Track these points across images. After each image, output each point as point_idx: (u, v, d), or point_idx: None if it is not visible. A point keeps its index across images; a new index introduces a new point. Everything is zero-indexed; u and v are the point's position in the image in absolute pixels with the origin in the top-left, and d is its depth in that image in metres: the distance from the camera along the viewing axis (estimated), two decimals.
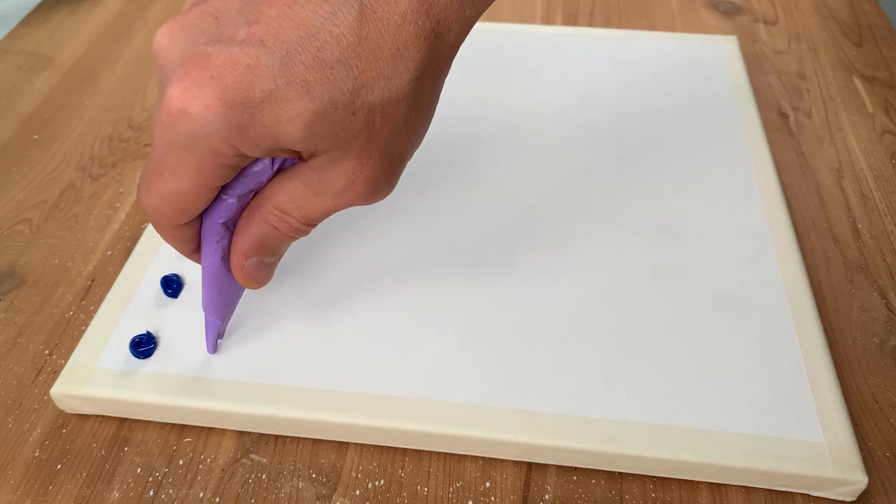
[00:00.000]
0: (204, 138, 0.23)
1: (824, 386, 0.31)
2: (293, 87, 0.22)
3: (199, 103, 0.22)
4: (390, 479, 0.30)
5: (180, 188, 0.24)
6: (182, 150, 0.23)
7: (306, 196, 0.25)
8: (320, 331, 0.33)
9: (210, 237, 0.27)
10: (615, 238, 0.38)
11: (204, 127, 0.22)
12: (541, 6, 0.60)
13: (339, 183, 0.25)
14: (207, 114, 0.22)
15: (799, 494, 0.30)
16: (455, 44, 0.25)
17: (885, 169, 0.44)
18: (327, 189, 0.25)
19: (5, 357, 0.35)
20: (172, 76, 0.23)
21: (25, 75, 0.52)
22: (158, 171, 0.24)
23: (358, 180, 0.25)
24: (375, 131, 0.24)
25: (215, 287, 0.29)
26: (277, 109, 0.22)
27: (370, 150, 0.24)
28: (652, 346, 0.33)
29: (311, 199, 0.26)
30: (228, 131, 0.22)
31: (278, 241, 0.27)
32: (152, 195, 0.25)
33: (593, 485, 0.30)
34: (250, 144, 0.23)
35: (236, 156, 0.24)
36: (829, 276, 0.38)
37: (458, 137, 0.44)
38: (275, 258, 0.29)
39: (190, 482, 0.30)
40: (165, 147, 0.23)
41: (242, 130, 0.23)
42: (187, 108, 0.22)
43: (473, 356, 0.32)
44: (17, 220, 0.41)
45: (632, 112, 0.46)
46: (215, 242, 0.27)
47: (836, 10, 0.59)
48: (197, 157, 0.23)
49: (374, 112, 0.23)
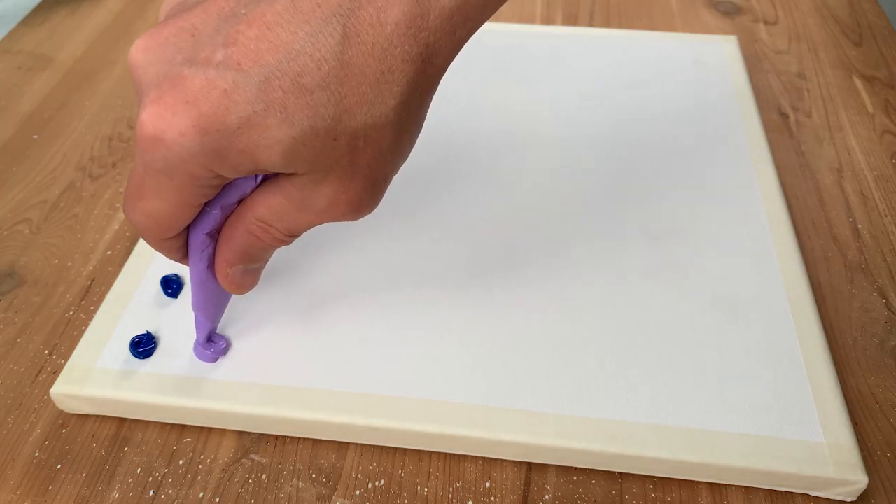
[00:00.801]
0: (181, 164, 0.22)
1: (824, 386, 0.31)
2: (271, 113, 0.21)
3: (173, 130, 0.21)
4: (390, 480, 0.30)
5: (162, 208, 0.24)
6: (160, 174, 0.23)
7: (288, 210, 0.25)
8: (320, 331, 0.33)
9: (195, 247, 0.28)
10: (615, 238, 0.38)
11: (180, 153, 0.22)
12: (541, 6, 0.60)
13: (322, 202, 0.24)
14: (183, 140, 0.21)
15: (799, 494, 0.30)
16: (443, 66, 0.24)
17: (885, 169, 0.44)
18: (309, 206, 0.25)
19: (5, 357, 0.35)
20: (147, 97, 0.22)
21: (25, 75, 0.52)
22: (140, 191, 0.24)
23: (340, 201, 0.24)
24: (358, 155, 0.23)
25: (202, 293, 0.30)
26: (255, 136, 0.22)
27: (353, 173, 0.24)
28: (652, 346, 0.33)
29: (294, 213, 0.25)
30: (205, 157, 0.22)
31: (261, 251, 0.27)
32: (136, 213, 0.25)
33: (593, 485, 0.30)
34: (229, 168, 0.23)
35: (215, 177, 0.23)
36: (829, 276, 0.38)
37: (457, 137, 0.44)
38: (259, 265, 0.28)
39: (190, 482, 0.30)
40: (144, 169, 0.23)
41: (220, 156, 0.22)
42: (162, 135, 0.22)
43: (473, 356, 0.32)
44: (17, 220, 0.41)
45: (632, 112, 0.46)
46: (200, 252, 0.28)
47: (836, 10, 0.59)
48: (176, 180, 0.23)
49: (357, 137, 0.23)
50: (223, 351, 0.32)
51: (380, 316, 0.34)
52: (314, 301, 0.35)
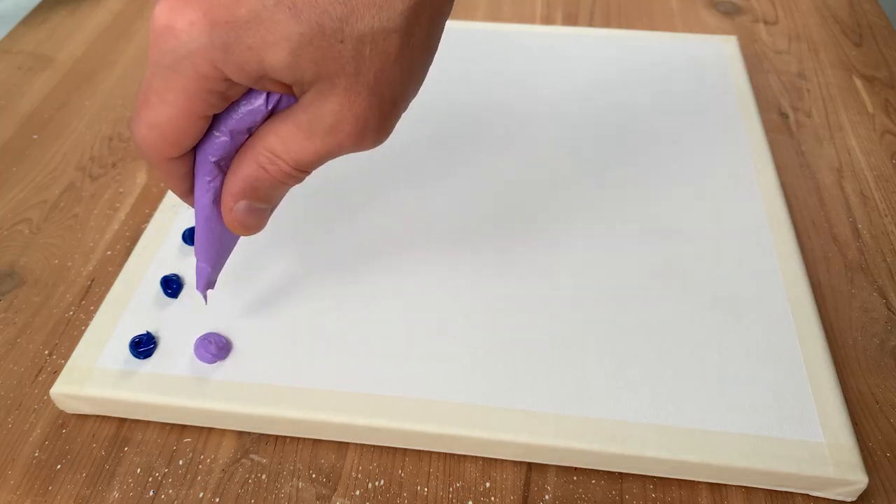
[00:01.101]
0: (188, 56, 0.22)
1: (824, 386, 0.31)
2: (280, 9, 0.22)
3: (184, 19, 0.22)
4: (390, 480, 0.30)
5: (169, 114, 0.24)
6: (168, 70, 0.23)
7: (296, 137, 0.24)
8: (320, 331, 0.33)
9: (202, 176, 0.26)
10: (615, 238, 0.38)
11: (188, 44, 0.22)
12: (541, 6, 0.60)
13: (328, 121, 0.24)
14: (192, 30, 0.22)
15: (799, 494, 0.30)
16: None
17: (885, 169, 0.44)
18: (316, 128, 0.24)
19: (5, 357, 0.35)
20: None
21: (25, 75, 0.52)
22: (147, 97, 0.24)
23: (346, 118, 0.24)
24: (364, 64, 0.23)
25: (206, 231, 0.28)
26: (263, 31, 0.22)
27: (358, 84, 0.23)
28: (652, 346, 0.33)
29: (302, 141, 0.24)
30: (213, 50, 0.22)
31: (269, 187, 0.26)
32: (142, 125, 0.24)
33: (593, 485, 0.30)
34: (235, 67, 0.22)
35: (222, 80, 0.23)
36: (829, 276, 0.38)
37: (457, 137, 0.44)
38: (267, 205, 0.27)
39: (190, 482, 0.30)
40: (153, 69, 0.23)
41: (227, 51, 0.22)
42: (172, 24, 0.22)
43: (473, 356, 0.32)
44: (17, 220, 0.41)
45: (632, 112, 0.46)
46: (207, 182, 0.26)
47: (836, 10, 0.59)
48: (183, 78, 0.23)
49: (364, 42, 0.22)
50: (224, 353, 0.32)
51: (379, 316, 0.34)
52: (314, 301, 0.35)
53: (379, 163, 0.42)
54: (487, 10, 0.60)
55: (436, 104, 0.46)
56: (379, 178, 0.41)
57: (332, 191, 0.40)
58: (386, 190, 0.40)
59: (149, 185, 0.43)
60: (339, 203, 0.40)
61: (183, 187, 0.27)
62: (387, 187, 0.40)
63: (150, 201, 0.42)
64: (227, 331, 0.33)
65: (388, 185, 0.41)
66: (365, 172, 0.41)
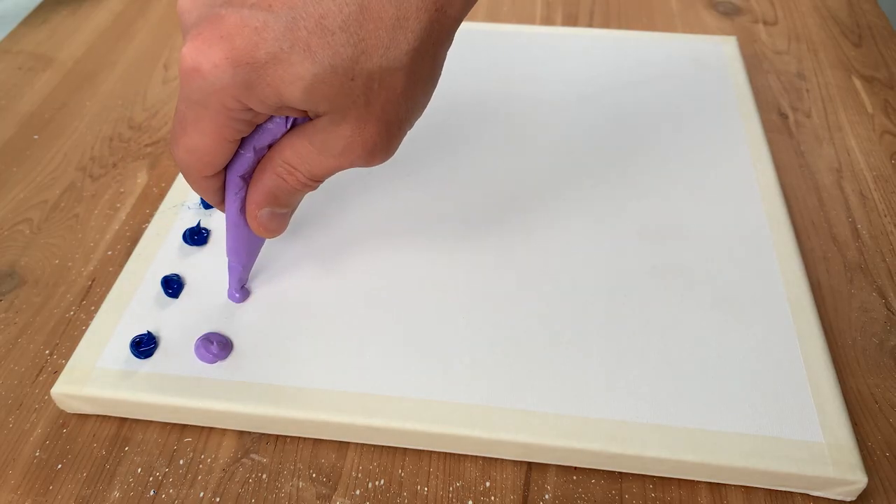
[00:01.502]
0: (214, 94, 0.24)
1: (824, 386, 0.31)
2: (296, 51, 0.23)
3: (209, 61, 0.24)
4: (390, 479, 0.30)
5: (202, 142, 0.26)
6: (198, 105, 0.25)
7: (311, 153, 0.27)
8: (320, 331, 0.33)
9: (231, 189, 0.30)
10: (615, 238, 0.38)
11: (213, 83, 0.24)
12: (541, 6, 0.60)
13: (340, 144, 0.26)
14: (216, 71, 0.24)
15: (798, 494, 0.30)
16: (458, 17, 0.26)
17: (884, 169, 0.44)
18: (329, 149, 0.27)
19: (6, 357, 0.35)
20: (188, 35, 0.24)
21: (26, 75, 0.52)
22: (182, 126, 0.26)
23: (356, 143, 0.26)
24: (373, 97, 0.25)
25: (235, 235, 0.32)
26: (281, 70, 0.24)
27: (368, 115, 0.26)
28: (652, 346, 0.33)
29: (316, 157, 0.27)
30: (236, 88, 0.24)
31: (287, 194, 0.29)
32: (179, 150, 0.27)
33: (593, 485, 0.30)
34: (257, 101, 0.25)
35: (246, 110, 0.25)
36: (829, 276, 0.38)
37: (457, 138, 0.44)
38: (287, 210, 0.30)
39: (190, 482, 0.30)
40: (185, 103, 0.26)
41: (249, 88, 0.24)
42: (198, 66, 0.24)
43: (473, 356, 0.32)
44: (17, 221, 0.41)
45: (631, 112, 0.46)
46: (234, 194, 0.30)
47: (835, 11, 0.59)
48: (212, 111, 0.25)
49: (373, 79, 0.25)
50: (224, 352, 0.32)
51: (380, 316, 0.34)
52: (314, 301, 0.35)
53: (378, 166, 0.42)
54: (487, 10, 0.60)
55: (436, 105, 0.46)
56: (379, 178, 0.41)
57: (332, 191, 0.40)
58: (385, 190, 0.40)
59: (149, 186, 0.44)
60: (339, 203, 0.40)
61: (217, 199, 0.30)
62: (386, 188, 0.40)
63: (150, 201, 0.42)
64: (228, 330, 0.33)
65: (388, 186, 0.41)
66: (365, 173, 0.41)
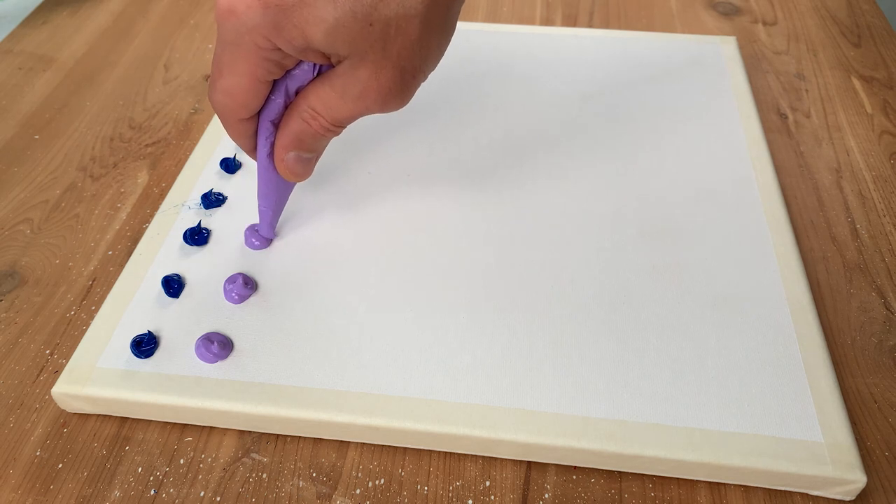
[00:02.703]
0: (247, 33, 0.27)
1: (823, 385, 0.31)
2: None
3: (242, 3, 0.27)
4: (390, 478, 0.31)
5: (237, 83, 0.29)
6: (232, 46, 0.28)
7: (332, 98, 0.30)
8: (320, 331, 0.33)
9: (262, 134, 0.32)
10: (614, 238, 0.38)
11: (246, 23, 0.27)
12: (540, 7, 0.60)
13: (358, 87, 0.29)
14: (249, 12, 0.27)
15: (798, 494, 0.30)
16: None
17: (883, 169, 0.44)
18: (349, 93, 0.29)
19: (6, 357, 0.35)
20: None
21: (26, 76, 0.52)
22: (219, 68, 0.29)
23: (372, 87, 0.29)
24: (390, 43, 0.27)
25: (265, 179, 0.34)
26: (306, 13, 0.26)
27: (384, 60, 0.28)
28: (651, 346, 0.33)
29: (336, 101, 0.30)
30: (266, 28, 0.27)
31: (312, 138, 0.31)
32: (217, 92, 0.30)
33: (593, 484, 0.30)
34: (284, 41, 0.27)
35: (275, 50, 0.28)
36: (828, 276, 0.38)
37: (457, 138, 0.44)
38: (311, 155, 0.33)
39: (191, 481, 0.30)
40: (221, 46, 0.28)
41: (277, 28, 0.27)
42: (233, 8, 0.27)
43: (473, 356, 0.32)
44: (18, 221, 0.42)
45: (631, 113, 0.46)
46: (265, 139, 0.32)
47: (834, 11, 0.59)
48: (244, 50, 0.28)
49: (390, 25, 0.27)
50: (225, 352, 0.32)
51: (380, 316, 0.34)
52: (314, 301, 0.35)
53: (379, 163, 0.42)
54: (487, 10, 0.60)
55: (436, 105, 0.46)
56: (378, 178, 0.41)
57: (332, 192, 0.40)
58: (385, 191, 0.40)
59: (150, 186, 0.44)
60: (339, 204, 0.40)
61: (249, 145, 0.33)
62: (385, 188, 0.41)
63: (151, 201, 0.43)
64: (228, 330, 0.33)
65: (387, 186, 0.41)
66: (365, 173, 0.41)
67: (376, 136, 0.44)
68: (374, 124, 0.44)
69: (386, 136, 0.44)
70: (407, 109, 0.45)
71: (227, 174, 0.42)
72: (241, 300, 0.34)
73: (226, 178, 0.41)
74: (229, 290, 0.35)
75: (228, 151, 0.43)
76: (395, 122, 0.45)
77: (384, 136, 0.44)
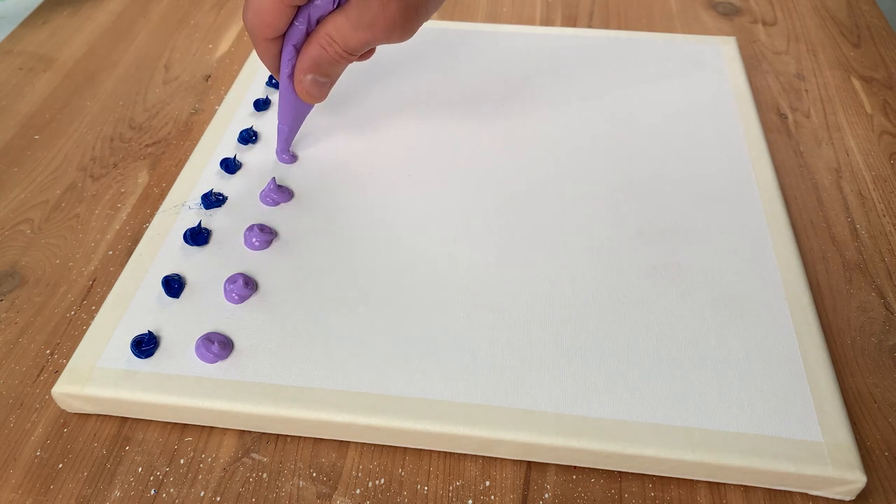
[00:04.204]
0: None
1: (823, 385, 0.31)
2: None
3: None
4: (390, 478, 0.31)
5: (266, 4, 0.33)
6: None
7: (346, 26, 0.34)
8: (320, 330, 0.33)
9: (285, 56, 0.36)
10: (615, 238, 0.38)
11: None
12: (540, 7, 0.60)
13: (368, 16, 0.33)
14: None
15: (798, 493, 0.30)
16: None
17: (883, 169, 0.45)
18: (360, 22, 0.33)
19: (7, 357, 0.35)
20: None
21: (27, 76, 0.52)
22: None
23: (380, 17, 0.33)
24: None
25: (285, 98, 0.38)
26: None
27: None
28: (651, 346, 0.33)
29: (350, 30, 0.34)
30: None
31: (328, 63, 0.36)
32: (248, 11, 0.34)
33: (593, 484, 0.30)
34: None
35: None
36: (828, 276, 0.38)
37: (457, 138, 0.44)
38: (327, 80, 0.37)
39: (191, 481, 0.30)
40: None
41: None
42: None
43: (473, 356, 0.32)
44: (18, 221, 0.42)
45: (631, 113, 0.46)
46: (287, 61, 0.36)
47: (834, 11, 0.59)
48: None
49: None
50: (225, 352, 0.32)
51: (380, 316, 0.34)
52: (314, 301, 0.35)
53: (379, 163, 0.42)
54: (487, 10, 0.60)
55: (436, 105, 0.46)
56: (378, 178, 0.41)
57: (332, 192, 0.40)
58: (384, 191, 0.40)
59: (150, 186, 0.44)
60: (339, 204, 0.40)
61: (274, 65, 0.37)
62: (385, 189, 0.41)
63: (151, 201, 0.43)
64: (228, 330, 0.33)
65: (386, 187, 0.41)
66: (364, 173, 0.41)
67: (375, 131, 0.44)
68: (373, 120, 0.44)
69: (385, 136, 0.44)
70: (407, 109, 0.45)
71: (228, 174, 0.42)
72: (241, 300, 0.35)
73: (226, 179, 0.41)
74: (229, 290, 0.35)
75: (228, 151, 0.43)
76: (396, 122, 0.45)
77: (383, 131, 0.44)
